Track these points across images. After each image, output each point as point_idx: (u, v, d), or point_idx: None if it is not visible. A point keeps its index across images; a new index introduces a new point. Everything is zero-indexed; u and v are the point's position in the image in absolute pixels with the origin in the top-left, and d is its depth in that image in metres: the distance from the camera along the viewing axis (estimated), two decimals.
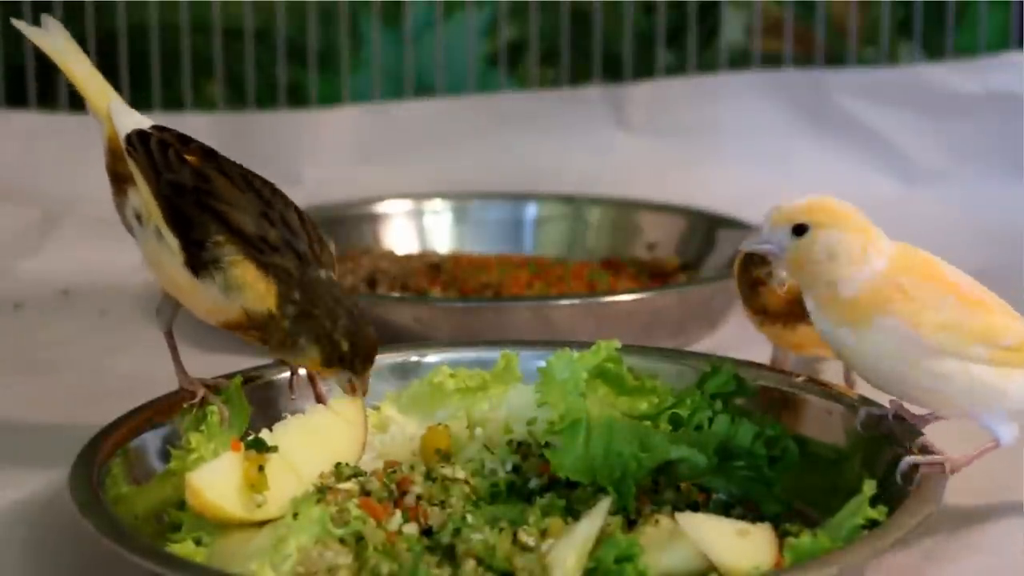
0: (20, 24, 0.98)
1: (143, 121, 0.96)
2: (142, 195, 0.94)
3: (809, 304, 0.88)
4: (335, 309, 0.91)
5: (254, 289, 0.91)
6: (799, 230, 0.86)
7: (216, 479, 0.88)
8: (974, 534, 0.92)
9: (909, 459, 0.86)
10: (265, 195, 0.93)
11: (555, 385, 0.95)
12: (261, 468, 0.89)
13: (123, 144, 0.94)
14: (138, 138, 0.94)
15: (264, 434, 0.92)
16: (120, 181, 0.96)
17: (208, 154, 0.94)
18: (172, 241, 0.92)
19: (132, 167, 0.94)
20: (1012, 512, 0.94)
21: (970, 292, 0.87)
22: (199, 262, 0.91)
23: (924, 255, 0.88)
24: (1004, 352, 0.86)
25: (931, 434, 0.90)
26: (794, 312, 1.02)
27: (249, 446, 0.90)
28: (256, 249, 0.91)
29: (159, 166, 0.92)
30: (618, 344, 0.97)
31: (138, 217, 0.95)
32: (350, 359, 0.92)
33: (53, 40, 0.98)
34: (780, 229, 0.87)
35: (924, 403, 0.89)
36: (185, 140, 0.95)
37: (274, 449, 0.91)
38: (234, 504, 0.88)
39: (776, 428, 0.93)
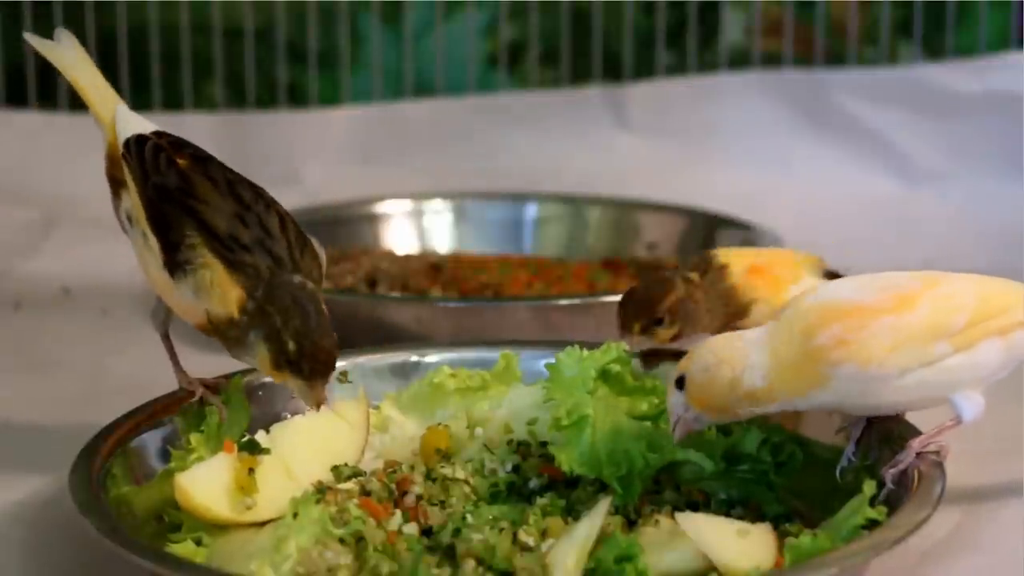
0: (32, 38, 0.98)
1: (146, 127, 0.95)
2: (132, 198, 0.94)
3: (771, 406, 0.87)
4: (290, 308, 0.87)
5: (220, 291, 0.89)
6: (680, 383, 0.87)
7: (205, 480, 0.88)
8: (974, 534, 0.92)
9: (885, 473, 0.86)
10: (246, 199, 0.91)
11: (563, 382, 0.95)
12: (252, 470, 0.89)
13: (120, 149, 0.94)
14: (135, 143, 0.94)
15: (263, 435, 0.92)
16: (117, 185, 0.96)
17: (199, 159, 0.94)
18: (153, 242, 0.92)
19: (125, 170, 0.94)
20: (1011, 512, 0.94)
21: (896, 296, 0.86)
22: (175, 263, 0.90)
23: (836, 293, 0.87)
24: (961, 336, 0.85)
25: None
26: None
27: (242, 448, 0.91)
28: (225, 247, 0.89)
29: (148, 169, 0.93)
30: (627, 345, 0.97)
31: (129, 220, 0.95)
32: (297, 363, 0.88)
33: (65, 53, 0.98)
34: (674, 397, 0.87)
35: (908, 410, 0.89)
36: (180, 145, 0.94)
37: (266, 451, 0.91)
38: (222, 506, 0.88)
39: (780, 433, 0.93)
